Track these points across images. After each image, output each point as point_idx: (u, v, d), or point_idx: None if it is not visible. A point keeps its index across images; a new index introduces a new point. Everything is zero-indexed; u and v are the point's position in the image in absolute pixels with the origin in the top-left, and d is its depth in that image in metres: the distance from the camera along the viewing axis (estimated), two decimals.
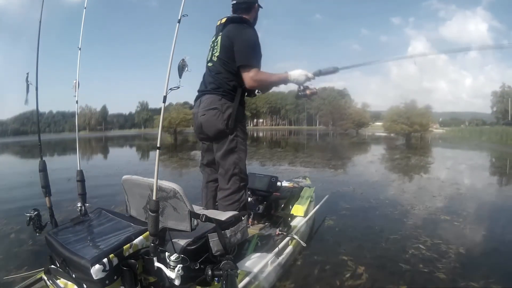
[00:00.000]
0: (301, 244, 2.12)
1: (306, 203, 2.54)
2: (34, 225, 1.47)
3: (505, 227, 2.94)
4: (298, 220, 2.33)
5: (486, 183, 5.48)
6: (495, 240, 2.63)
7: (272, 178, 2.46)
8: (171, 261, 1.10)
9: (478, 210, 3.56)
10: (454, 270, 2.05)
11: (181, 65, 1.22)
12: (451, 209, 3.50)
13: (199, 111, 1.85)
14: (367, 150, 13.44)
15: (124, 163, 9.03)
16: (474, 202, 3.91)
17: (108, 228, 1.37)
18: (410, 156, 9.60)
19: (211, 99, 1.80)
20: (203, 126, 1.84)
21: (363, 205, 3.71)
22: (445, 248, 2.38)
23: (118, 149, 17.11)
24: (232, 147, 1.82)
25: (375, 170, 6.76)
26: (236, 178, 1.83)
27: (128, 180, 1.47)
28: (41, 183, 1.57)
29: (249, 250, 1.75)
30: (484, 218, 3.27)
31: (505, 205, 3.91)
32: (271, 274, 1.73)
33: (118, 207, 3.21)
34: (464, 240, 2.57)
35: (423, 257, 2.25)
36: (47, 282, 1.29)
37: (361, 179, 5.60)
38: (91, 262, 1.09)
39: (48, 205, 1.58)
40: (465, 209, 3.50)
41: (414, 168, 7.28)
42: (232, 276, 1.21)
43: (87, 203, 1.66)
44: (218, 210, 1.81)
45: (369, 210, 3.53)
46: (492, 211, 3.60)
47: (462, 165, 7.80)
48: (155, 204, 1.14)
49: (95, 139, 28.72)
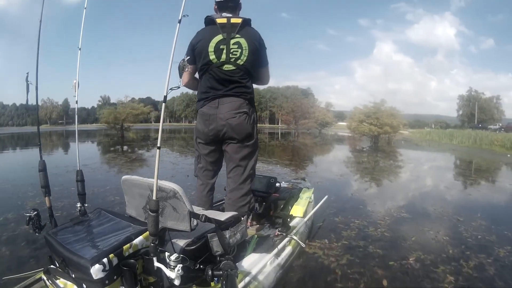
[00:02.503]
0: (300, 244, 2.12)
1: (305, 204, 2.54)
2: (34, 225, 1.46)
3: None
4: (297, 220, 2.34)
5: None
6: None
7: (271, 179, 2.46)
8: (171, 261, 1.10)
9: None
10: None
11: (182, 65, 1.23)
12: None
13: (220, 114, 1.81)
14: (340, 158, 9.88)
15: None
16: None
17: (108, 228, 1.37)
18: (401, 165, 8.14)
19: (238, 103, 1.82)
20: (234, 128, 1.81)
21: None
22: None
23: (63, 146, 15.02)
24: (254, 150, 1.93)
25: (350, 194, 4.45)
26: (250, 180, 1.93)
27: (127, 180, 1.47)
28: (41, 183, 1.57)
29: (248, 250, 1.75)
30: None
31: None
32: (271, 274, 1.74)
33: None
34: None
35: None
36: (46, 282, 1.29)
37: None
38: (91, 262, 1.09)
39: (47, 205, 1.58)
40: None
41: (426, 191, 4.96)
42: (231, 276, 1.21)
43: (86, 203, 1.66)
44: (218, 211, 1.81)
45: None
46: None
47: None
48: (155, 204, 1.14)
49: (56, 133, 27.69)
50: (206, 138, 1.91)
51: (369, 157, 9.87)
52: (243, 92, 1.83)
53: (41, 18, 1.63)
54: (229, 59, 1.80)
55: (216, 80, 1.82)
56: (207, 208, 1.93)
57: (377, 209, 3.60)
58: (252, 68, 1.85)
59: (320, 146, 15.12)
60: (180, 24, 1.16)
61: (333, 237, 2.64)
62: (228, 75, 1.81)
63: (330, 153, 12.04)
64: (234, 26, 1.80)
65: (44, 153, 1.68)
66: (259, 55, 1.87)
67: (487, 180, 6.24)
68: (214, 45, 1.80)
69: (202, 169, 2.01)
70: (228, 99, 1.81)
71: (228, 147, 1.89)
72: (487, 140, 16.15)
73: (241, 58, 1.80)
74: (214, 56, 1.80)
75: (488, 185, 5.71)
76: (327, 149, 14.04)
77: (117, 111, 20.13)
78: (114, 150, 10.90)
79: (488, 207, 3.90)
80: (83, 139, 17.58)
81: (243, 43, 1.79)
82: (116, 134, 19.83)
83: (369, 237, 2.69)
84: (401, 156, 10.79)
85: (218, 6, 1.90)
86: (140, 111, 21.39)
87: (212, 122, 1.84)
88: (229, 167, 1.94)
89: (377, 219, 3.20)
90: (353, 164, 8.41)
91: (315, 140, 19.61)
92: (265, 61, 1.94)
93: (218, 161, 2.01)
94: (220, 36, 1.80)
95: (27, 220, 1.45)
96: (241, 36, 1.80)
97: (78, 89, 1.75)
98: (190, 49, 1.86)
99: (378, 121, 17.31)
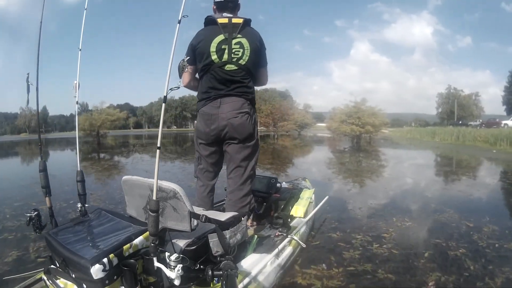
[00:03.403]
0: (301, 245, 2.12)
1: (306, 204, 2.54)
2: (34, 225, 1.47)
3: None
4: (297, 221, 2.33)
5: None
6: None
7: (272, 180, 2.47)
8: (171, 261, 1.11)
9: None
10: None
11: (181, 65, 1.23)
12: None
13: (222, 113, 1.81)
14: (323, 159, 9.44)
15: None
16: None
17: (108, 228, 1.37)
18: (391, 166, 7.75)
19: (240, 103, 1.82)
20: (235, 128, 1.81)
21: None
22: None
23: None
24: (254, 150, 1.93)
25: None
26: (250, 181, 1.93)
27: (128, 180, 1.47)
28: (41, 183, 1.58)
29: (249, 250, 1.75)
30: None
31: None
32: (271, 274, 1.73)
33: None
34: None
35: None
36: (46, 282, 1.29)
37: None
38: (91, 262, 1.09)
39: (48, 205, 1.58)
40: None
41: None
42: (232, 276, 1.21)
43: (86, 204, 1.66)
44: (218, 211, 1.81)
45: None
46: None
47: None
48: (155, 204, 1.14)
49: (35, 141, 25.35)
50: (208, 138, 1.90)
51: (351, 157, 9.70)
52: (245, 92, 1.84)
53: (41, 19, 1.64)
54: (231, 59, 1.79)
55: (217, 80, 1.82)
56: (207, 209, 1.92)
57: (378, 219, 3.20)
58: (253, 68, 1.86)
59: (301, 148, 14.61)
60: (180, 24, 1.17)
61: (332, 261, 2.21)
62: (230, 75, 1.81)
63: (312, 155, 11.72)
64: (235, 26, 1.80)
65: (24, 163, 1.67)
66: (260, 55, 1.88)
67: (484, 178, 6.13)
68: (216, 45, 1.79)
69: (203, 170, 2.01)
70: (230, 98, 1.82)
71: (229, 148, 1.89)
72: (470, 136, 16.06)
73: (243, 58, 1.80)
74: (216, 56, 1.79)
75: (487, 183, 5.55)
76: (307, 150, 13.64)
77: (93, 117, 19.74)
78: (89, 158, 10.19)
79: (493, 209, 3.64)
80: (64, 147, 17.11)
81: (244, 43, 1.80)
82: (92, 142, 19.10)
83: (376, 257, 2.28)
84: (384, 156, 10.50)
85: (218, 6, 1.90)
86: (116, 117, 21.15)
87: (213, 122, 1.83)
88: (229, 167, 1.93)
89: (380, 232, 2.79)
90: (337, 165, 8.09)
91: (294, 142, 19.04)
92: (264, 61, 1.95)
93: (219, 162, 2.02)
94: (222, 36, 1.79)
95: (28, 220, 1.45)
96: (242, 36, 1.80)
97: (79, 89, 1.76)
98: (190, 49, 1.84)
99: (360, 121, 17.15)
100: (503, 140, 12.77)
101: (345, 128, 17.58)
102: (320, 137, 24.46)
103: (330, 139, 20.48)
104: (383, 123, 18.12)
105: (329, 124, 20.70)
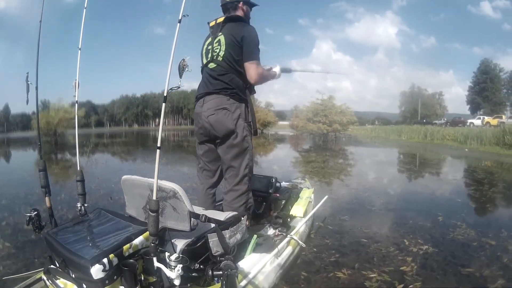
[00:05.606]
0: (300, 244, 2.12)
1: (305, 204, 2.54)
2: (34, 225, 1.47)
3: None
4: (297, 220, 2.33)
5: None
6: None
7: (271, 179, 2.47)
8: (171, 261, 1.11)
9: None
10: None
11: (182, 65, 1.23)
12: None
13: (204, 112, 1.84)
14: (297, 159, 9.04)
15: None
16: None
17: (108, 228, 1.37)
18: (370, 166, 7.30)
19: (219, 100, 1.81)
20: (212, 125, 1.82)
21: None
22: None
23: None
24: (243, 148, 1.86)
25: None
26: (246, 179, 1.88)
27: (127, 180, 1.47)
28: (41, 183, 1.57)
29: (248, 250, 1.75)
30: None
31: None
32: (271, 274, 1.73)
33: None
34: None
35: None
36: (46, 282, 1.29)
37: None
38: (91, 262, 1.09)
39: (48, 205, 1.58)
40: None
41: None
42: (231, 276, 1.21)
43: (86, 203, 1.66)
44: (218, 211, 1.81)
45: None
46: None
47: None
48: (155, 204, 1.14)
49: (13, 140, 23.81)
50: (199, 137, 1.97)
51: (318, 156, 9.14)
52: (224, 88, 1.82)
53: (41, 18, 1.64)
54: (212, 57, 1.85)
55: (204, 80, 1.90)
56: (207, 208, 1.93)
57: (385, 240, 2.51)
58: (232, 62, 1.80)
59: (264, 147, 13.70)
60: (180, 24, 1.16)
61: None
62: (211, 74, 1.85)
63: (281, 153, 11.17)
64: (219, 25, 1.86)
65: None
66: (237, 48, 1.79)
67: (466, 178, 5.76)
68: (205, 48, 1.91)
69: (201, 169, 2.04)
70: (211, 96, 1.84)
71: (219, 149, 1.91)
72: (438, 135, 15.99)
73: (219, 54, 1.82)
74: (204, 58, 1.91)
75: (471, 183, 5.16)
76: (271, 149, 13.01)
77: (49, 115, 17.94)
78: (47, 159, 8.66)
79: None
80: (25, 147, 16.03)
81: (221, 39, 1.82)
82: (50, 141, 16.99)
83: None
84: (352, 155, 10.14)
85: (222, 10, 1.95)
86: (73, 115, 19.63)
87: (199, 121, 1.89)
88: (223, 168, 1.95)
89: (398, 265, 2.07)
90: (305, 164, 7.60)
91: (258, 140, 17.47)
92: (249, 56, 1.81)
93: (215, 160, 2.01)
94: (210, 38, 1.90)
95: (27, 220, 1.45)
96: (222, 33, 1.83)
97: (78, 88, 1.76)
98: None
99: (327, 119, 16.73)
100: (473, 139, 12.76)
101: (312, 127, 17.15)
102: (281, 135, 23.58)
103: (293, 137, 19.85)
104: (351, 121, 17.79)
105: (293, 122, 20.10)
